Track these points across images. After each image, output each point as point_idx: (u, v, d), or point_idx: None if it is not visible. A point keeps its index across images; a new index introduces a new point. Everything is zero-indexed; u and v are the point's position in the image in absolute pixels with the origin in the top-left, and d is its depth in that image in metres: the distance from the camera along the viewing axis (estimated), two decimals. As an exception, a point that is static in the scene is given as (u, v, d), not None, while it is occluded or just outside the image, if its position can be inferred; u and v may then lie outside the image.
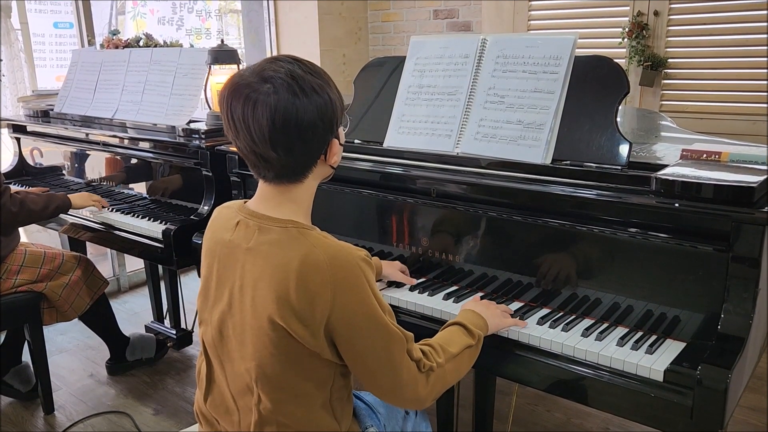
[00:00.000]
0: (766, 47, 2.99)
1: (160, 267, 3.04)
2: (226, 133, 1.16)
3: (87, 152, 2.85)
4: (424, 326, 1.54)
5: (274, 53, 4.37)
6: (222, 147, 2.18)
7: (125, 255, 3.64)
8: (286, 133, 1.09)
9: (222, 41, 2.52)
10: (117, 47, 2.90)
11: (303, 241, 1.12)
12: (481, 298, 1.56)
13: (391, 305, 1.61)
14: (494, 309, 1.42)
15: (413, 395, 1.17)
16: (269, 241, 1.13)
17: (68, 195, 2.44)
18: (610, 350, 1.31)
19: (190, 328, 3.02)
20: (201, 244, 2.09)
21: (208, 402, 1.30)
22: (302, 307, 1.08)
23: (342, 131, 1.23)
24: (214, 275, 1.22)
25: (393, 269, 1.67)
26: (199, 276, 1.89)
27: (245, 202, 1.23)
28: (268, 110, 1.07)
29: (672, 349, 1.30)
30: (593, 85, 1.56)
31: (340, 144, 1.22)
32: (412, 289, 1.64)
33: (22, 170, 3.17)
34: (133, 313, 3.42)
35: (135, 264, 3.76)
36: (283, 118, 1.08)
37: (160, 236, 2.26)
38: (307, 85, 1.10)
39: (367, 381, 1.18)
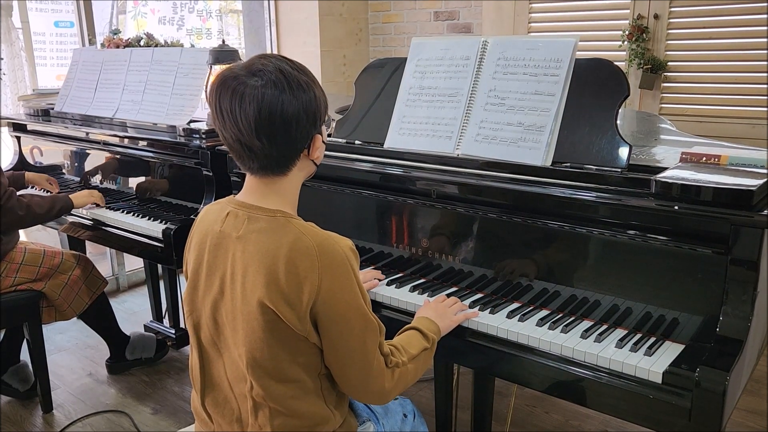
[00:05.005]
0: (765, 51, 3.00)
1: (159, 266, 3.04)
2: (213, 125, 1.21)
3: (87, 151, 2.85)
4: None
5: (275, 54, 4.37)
6: (222, 147, 2.17)
7: (124, 254, 3.65)
8: (271, 123, 1.13)
9: (223, 41, 2.53)
10: (118, 47, 2.91)
11: (291, 228, 1.16)
12: (481, 299, 1.57)
13: (389, 305, 1.63)
14: (443, 309, 1.47)
15: (379, 388, 1.22)
16: (258, 229, 1.17)
17: (70, 195, 2.46)
18: (609, 352, 1.32)
19: (189, 327, 3.01)
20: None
21: (205, 400, 1.30)
22: (290, 290, 1.12)
23: (325, 129, 1.27)
24: (204, 266, 1.24)
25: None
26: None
27: (234, 195, 1.27)
28: (255, 102, 1.12)
29: (671, 351, 1.31)
30: (593, 87, 1.56)
31: (323, 141, 1.26)
32: (411, 290, 1.64)
33: (22, 169, 3.15)
34: (132, 313, 3.42)
35: (134, 263, 3.76)
36: (269, 109, 1.12)
37: (160, 236, 2.26)
38: (294, 80, 1.15)
39: (338, 370, 1.21)
